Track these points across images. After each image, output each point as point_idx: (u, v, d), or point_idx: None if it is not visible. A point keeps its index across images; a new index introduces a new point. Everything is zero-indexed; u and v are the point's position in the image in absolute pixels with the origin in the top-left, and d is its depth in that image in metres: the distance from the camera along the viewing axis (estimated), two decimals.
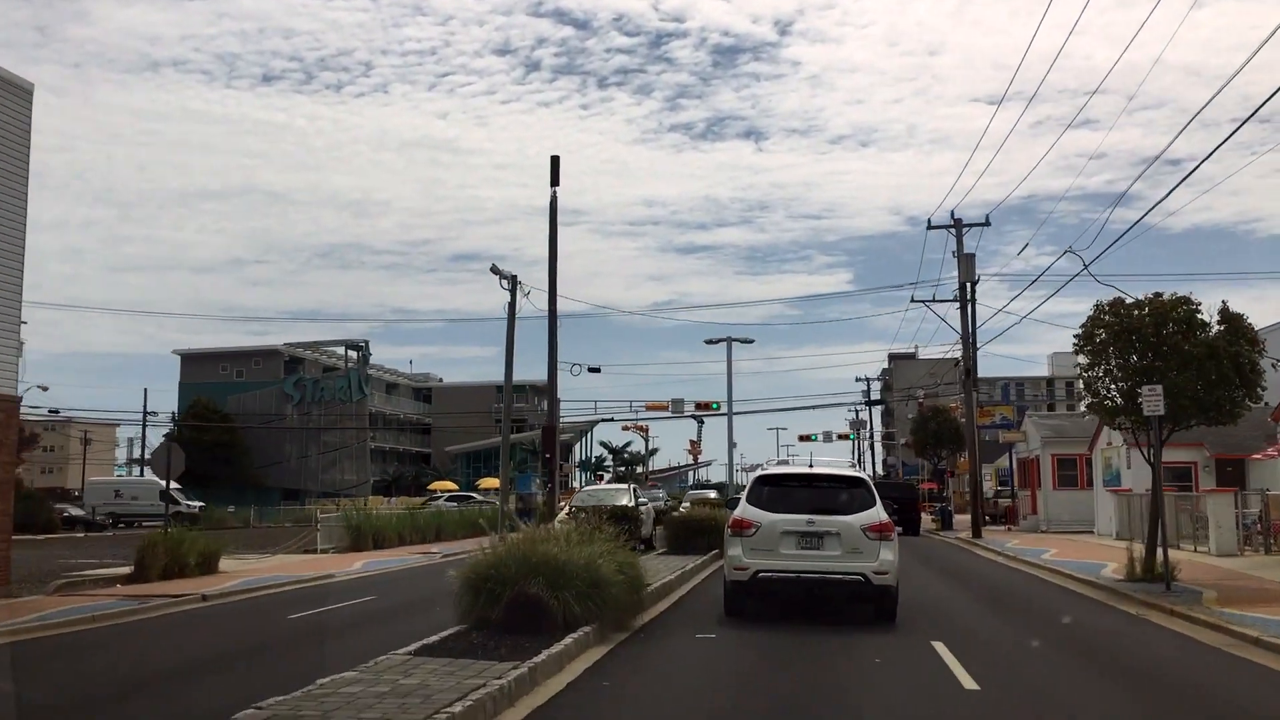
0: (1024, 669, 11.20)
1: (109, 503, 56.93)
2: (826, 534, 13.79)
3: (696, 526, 24.80)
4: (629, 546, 13.15)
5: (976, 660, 11.24)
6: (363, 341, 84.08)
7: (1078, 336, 20.23)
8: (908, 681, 10.26)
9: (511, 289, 41.12)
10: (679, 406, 57.57)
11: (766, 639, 12.76)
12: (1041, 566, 24.28)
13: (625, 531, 14.52)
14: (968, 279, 38.29)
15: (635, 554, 13.05)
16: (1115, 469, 36.64)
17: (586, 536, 12.31)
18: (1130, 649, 12.81)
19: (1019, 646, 12.78)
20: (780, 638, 12.83)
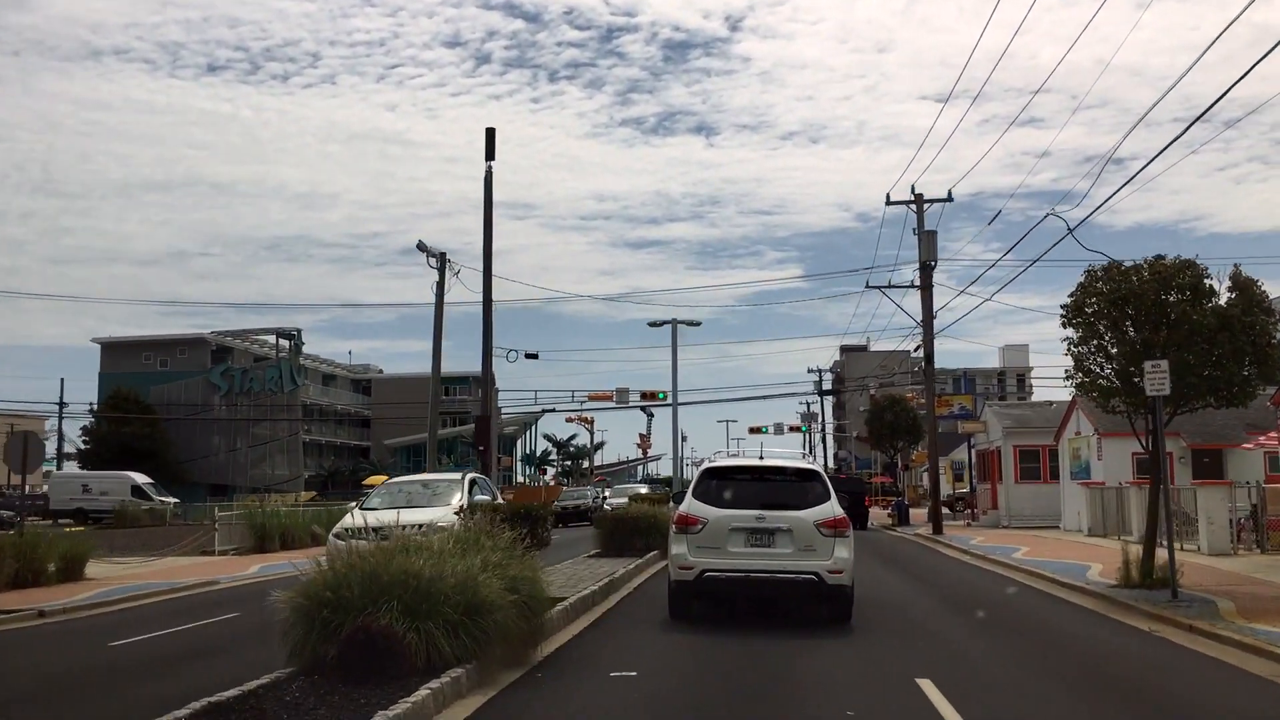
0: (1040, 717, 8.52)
1: (76, 497, 53.29)
2: (778, 530, 12.98)
3: (632, 525, 22.01)
4: (530, 553, 10.22)
5: (977, 705, 8.54)
6: (294, 330, 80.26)
7: (1066, 308, 17.62)
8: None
9: (440, 267, 38.10)
10: (624, 396, 54.73)
11: (705, 676, 9.96)
12: (1017, 568, 21.73)
13: (529, 534, 11.72)
14: (929, 258, 35.80)
15: (536, 562, 10.09)
16: (1084, 460, 34.34)
17: (470, 543, 9.42)
18: (1161, 683, 10.14)
19: (1023, 681, 10.08)
20: (724, 674, 10.03)
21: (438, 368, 37.81)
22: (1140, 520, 27.18)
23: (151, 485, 57.13)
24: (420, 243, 37.49)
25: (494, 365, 37.25)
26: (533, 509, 11.92)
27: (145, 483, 56.82)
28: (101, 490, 54.48)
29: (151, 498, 54.61)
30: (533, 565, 10.05)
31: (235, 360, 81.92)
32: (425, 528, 10.57)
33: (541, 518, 12.06)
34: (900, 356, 79.39)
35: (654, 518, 22.99)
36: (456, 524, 10.88)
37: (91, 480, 57.38)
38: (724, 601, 13.53)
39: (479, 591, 8.51)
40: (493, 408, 43.00)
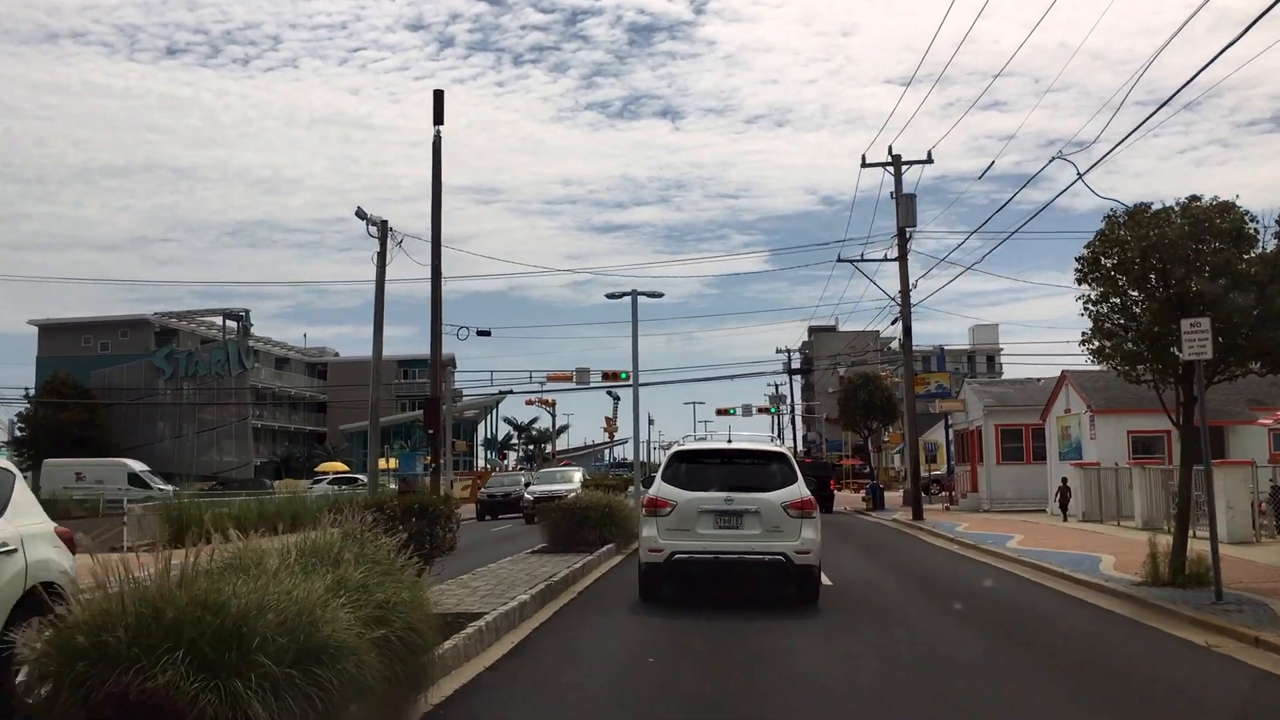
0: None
1: (69, 486, 49.87)
2: (746, 512, 13.26)
3: (582, 516, 19.39)
4: (419, 566, 7.55)
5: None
6: (243, 311, 76.84)
7: (1081, 260, 15.09)
8: None
9: (381, 236, 35.15)
10: (584, 377, 51.99)
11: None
12: (1017, 560, 19.29)
13: (420, 538, 9.11)
14: (907, 223, 33.31)
15: (422, 578, 7.41)
16: (1075, 439, 32.03)
17: (324, 557, 6.75)
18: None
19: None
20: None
21: (379, 345, 34.95)
22: (1145, 504, 24.85)
23: (149, 473, 54.25)
24: (359, 209, 34.51)
25: (455, 347, 34.50)
26: (431, 504, 9.30)
27: (142, 470, 54.03)
28: (96, 479, 51.22)
29: (149, 486, 51.41)
30: (416, 584, 7.36)
31: (181, 343, 78.44)
32: None
33: (442, 515, 9.46)
34: (869, 337, 77.24)
35: (609, 506, 20.42)
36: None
37: (85, 468, 54.04)
38: (693, 581, 13.59)
39: (318, 629, 5.83)
40: (444, 388, 40.13)
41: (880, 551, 23.06)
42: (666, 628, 11.60)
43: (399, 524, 8.94)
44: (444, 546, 9.72)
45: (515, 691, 8.45)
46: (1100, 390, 31.34)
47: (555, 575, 14.49)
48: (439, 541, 9.50)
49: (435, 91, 41.81)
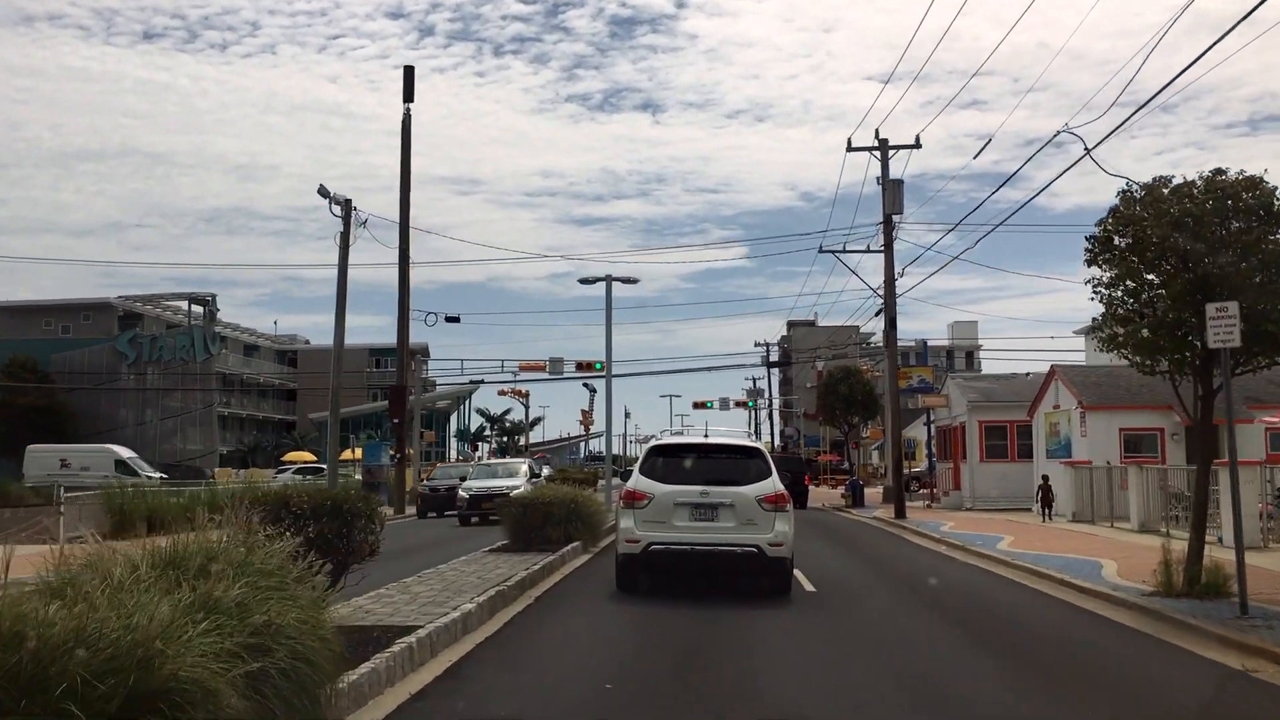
0: None
1: (53, 473, 47.87)
2: (721, 505, 13.50)
3: (544, 513, 17.94)
4: (325, 576, 6.12)
5: None
6: (209, 296, 74.87)
7: (1092, 240, 13.79)
8: None
9: (344, 216, 33.70)
10: (557, 367, 50.42)
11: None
12: (1010, 564, 18.00)
13: (328, 541, 7.66)
14: (893, 210, 32.01)
15: (326, 593, 5.99)
16: (1064, 437, 30.85)
17: (191, 568, 5.32)
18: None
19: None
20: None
21: (341, 330, 33.45)
22: (1141, 505, 23.65)
23: (136, 460, 52.53)
24: (321, 187, 33.06)
25: (429, 336, 33.01)
26: (346, 500, 7.89)
27: (129, 457, 52.33)
28: (82, 465, 49.47)
29: (137, 473, 49.61)
30: (315, 601, 5.93)
31: (145, 327, 76.41)
32: None
33: (360, 514, 8.02)
34: (849, 332, 76.09)
35: (575, 501, 18.99)
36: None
37: (71, 454, 52.27)
38: (668, 579, 13.78)
39: (156, 667, 4.41)
40: (412, 377, 38.70)
41: (864, 552, 21.76)
42: (629, 642, 10.24)
43: (307, 524, 7.55)
44: (361, 551, 8.24)
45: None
46: (1091, 386, 30.20)
47: (510, 578, 13.07)
48: (355, 546, 8.04)
49: (405, 68, 40.63)
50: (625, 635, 10.81)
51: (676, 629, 11.24)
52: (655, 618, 11.81)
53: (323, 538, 7.58)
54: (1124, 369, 33.96)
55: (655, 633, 11.00)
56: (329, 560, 6.91)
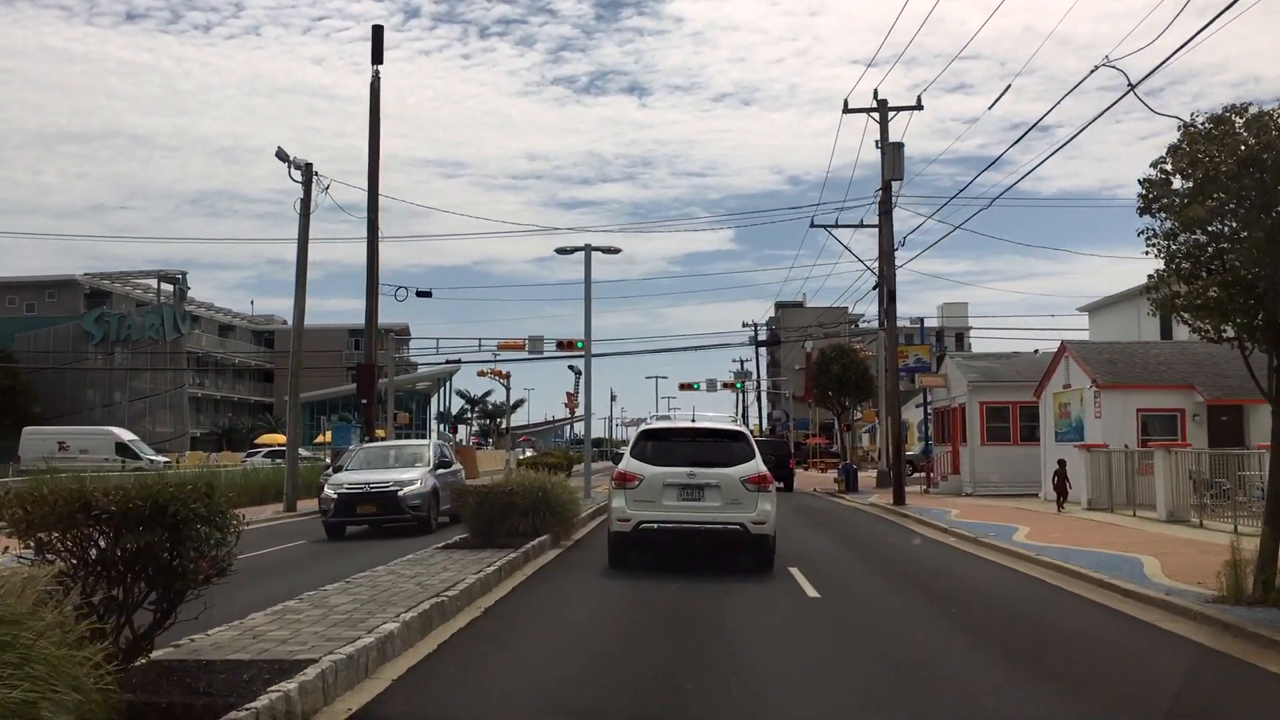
0: None
1: (51, 456, 45.60)
2: (707, 486, 14.11)
3: (506, 503, 15.76)
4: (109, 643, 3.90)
5: None
6: (179, 274, 72.39)
7: (1148, 183, 11.66)
8: None
9: (305, 181, 31.38)
10: (537, 345, 48.17)
11: None
12: (1034, 560, 15.93)
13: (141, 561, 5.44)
14: (893, 176, 29.85)
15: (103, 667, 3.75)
16: (1075, 418, 28.80)
17: None
18: None
19: None
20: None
21: (301, 303, 31.16)
22: (1168, 492, 21.58)
23: (137, 443, 50.46)
24: (279, 150, 30.71)
25: (408, 316, 30.77)
26: (172, 501, 5.77)
27: (130, 439, 50.42)
28: (80, 448, 47.50)
29: (139, 456, 47.44)
30: (69, 657, 3.74)
31: (113, 305, 73.84)
32: None
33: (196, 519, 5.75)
34: (838, 313, 73.95)
35: (543, 490, 16.82)
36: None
37: (69, 436, 50.36)
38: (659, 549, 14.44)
39: None
40: (379, 354, 36.46)
41: (865, 545, 19.66)
42: (589, 674, 8.09)
43: (119, 536, 5.36)
44: (198, 573, 5.93)
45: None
46: (1105, 363, 28.16)
47: (457, 584, 10.89)
48: (188, 566, 5.77)
49: (374, 27, 38.12)
50: (589, 656, 8.69)
51: (651, 650, 9.15)
52: (631, 630, 9.69)
53: (138, 555, 5.40)
54: (1140, 345, 32.05)
55: (623, 655, 8.91)
56: (154, 588, 4.76)
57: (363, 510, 20.17)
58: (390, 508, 20.05)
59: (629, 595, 12.56)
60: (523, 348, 48.79)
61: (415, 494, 20.22)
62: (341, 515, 20.29)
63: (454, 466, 23.66)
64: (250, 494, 33.26)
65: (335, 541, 20.02)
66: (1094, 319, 42.71)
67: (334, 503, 20.38)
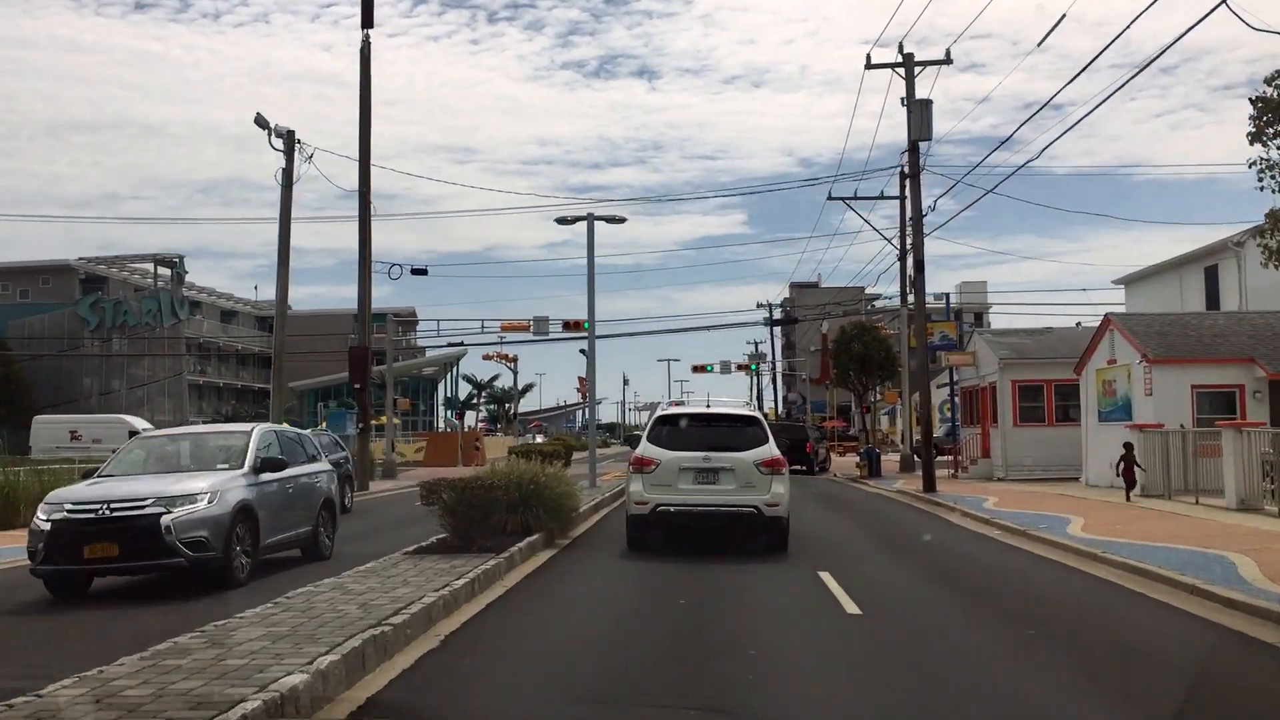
0: None
1: (63, 446, 43.96)
2: (722, 469, 14.39)
3: (485, 501, 13.51)
4: None
5: None
6: (176, 257, 70.41)
7: (1260, 101, 9.49)
8: None
9: (287, 150, 29.26)
10: (543, 326, 45.99)
11: None
12: (1100, 559, 13.70)
13: None
14: (920, 136, 27.50)
15: None
16: (1122, 396, 26.47)
17: None
18: None
19: None
20: None
21: (284, 280, 29.07)
22: (1239, 477, 19.25)
23: (150, 430, 48.70)
24: (259, 116, 28.61)
25: (413, 299, 28.65)
26: None
27: (144, 428, 48.54)
28: (94, 437, 45.75)
29: None
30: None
31: (110, 291, 71.91)
32: None
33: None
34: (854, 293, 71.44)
35: (534, 482, 14.67)
36: None
37: (81, 425, 48.61)
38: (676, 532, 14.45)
39: None
40: (370, 335, 34.45)
41: (901, 541, 17.45)
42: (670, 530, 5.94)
43: None
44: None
45: None
46: (1156, 336, 25.82)
47: (412, 605, 8.73)
48: None
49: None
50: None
51: (653, 700, 6.98)
52: (618, 684, 7.51)
53: None
54: (1192, 316, 29.56)
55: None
56: None
57: (95, 552, 11.10)
58: (143, 546, 11.15)
59: (627, 611, 10.43)
60: (527, 329, 46.66)
61: (194, 520, 11.26)
62: (58, 561, 11.29)
63: (309, 468, 14.57)
64: None
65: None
66: (1131, 292, 40.31)
67: (45, 539, 11.28)
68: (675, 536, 14.47)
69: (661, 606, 10.51)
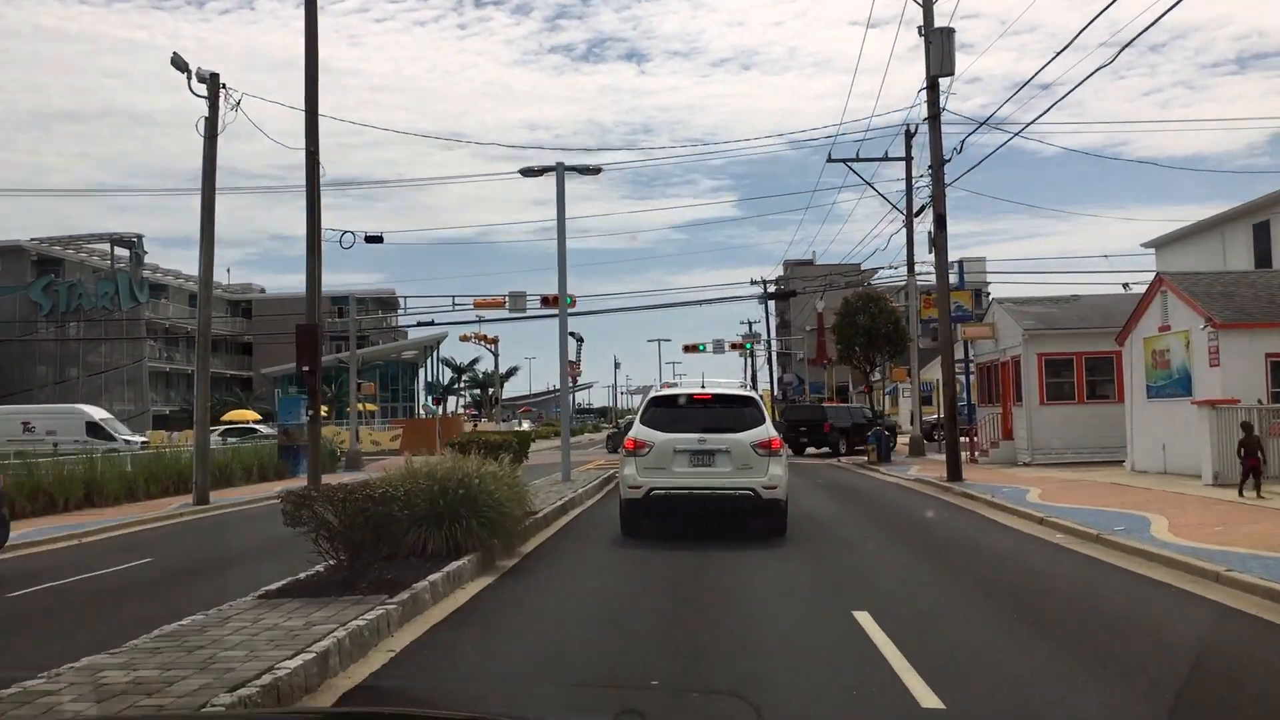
0: None
1: (15, 438, 40.06)
2: (717, 451, 14.03)
3: (379, 513, 9.63)
4: None
5: None
6: (135, 237, 66.29)
7: None
8: None
9: (211, 95, 25.39)
10: (519, 303, 42.04)
11: None
12: (1238, 583, 10.03)
13: None
14: (940, 71, 23.73)
15: None
16: (1179, 368, 22.76)
17: None
18: None
19: None
20: None
21: (209, 248, 25.22)
22: None
23: (111, 421, 44.91)
24: (175, 56, 24.72)
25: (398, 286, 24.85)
26: None
27: (103, 418, 44.84)
28: (48, 429, 42.32)
29: (113, 437, 41.81)
30: None
31: (66, 273, 67.83)
32: None
33: None
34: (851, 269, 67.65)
35: (464, 485, 10.90)
36: None
37: (35, 416, 44.57)
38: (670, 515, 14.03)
39: None
40: (319, 311, 30.41)
41: (948, 554, 13.71)
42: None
43: None
44: None
45: None
46: (1220, 297, 22.11)
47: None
48: None
49: None
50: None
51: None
52: None
53: None
54: (1257, 274, 25.80)
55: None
56: None
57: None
58: None
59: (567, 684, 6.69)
60: (503, 305, 42.74)
61: None
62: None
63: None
64: (161, 482, 27.54)
65: (174, 564, 13.98)
66: (1163, 256, 36.57)
67: None
68: (669, 528, 13.97)
69: (625, 674, 6.80)
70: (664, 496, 13.88)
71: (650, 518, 14.20)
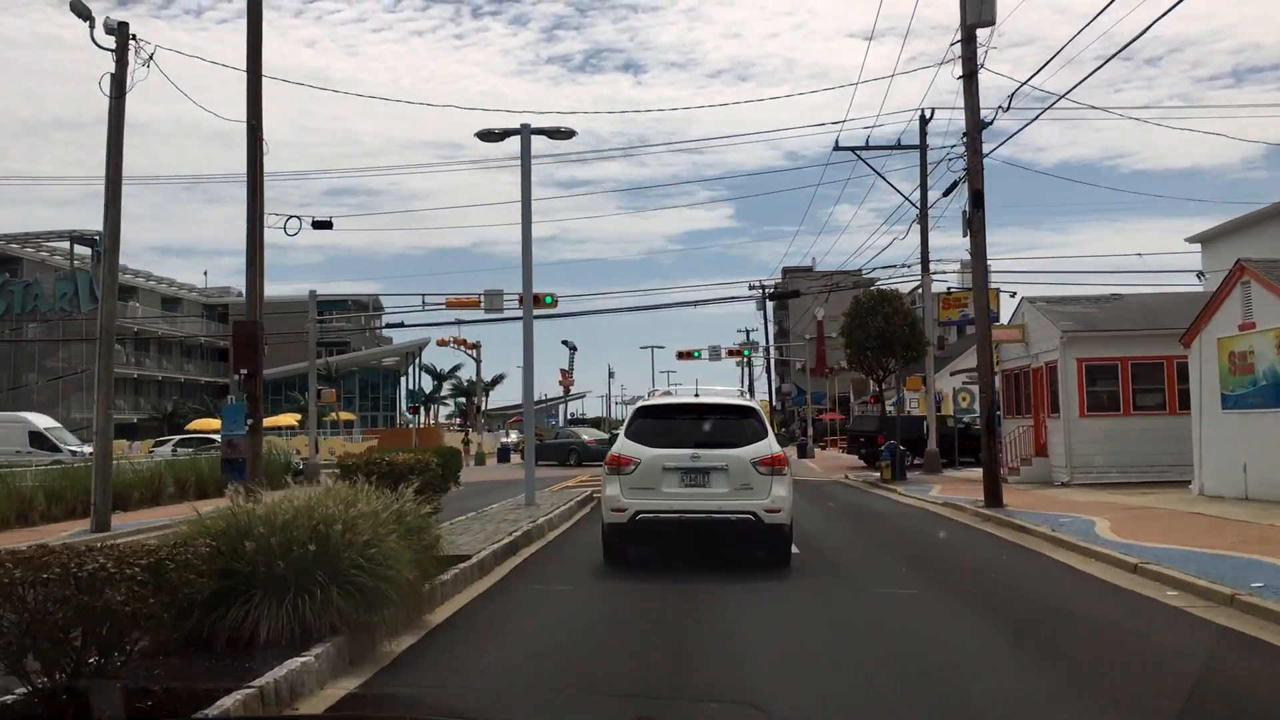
0: None
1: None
2: (713, 469, 12.68)
3: (85, 609, 5.43)
4: None
5: None
6: (96, 234, 62.55)
7: None
8: None
9: (119, 47, 21.64)
10: (495, 302, 38.18)
11: None
12: None
13: None
14: (978, 21, 20.02)
15: None
16: (1267, 372, 18.88)
17: None
18: None
19: None
20: None
21: (115, 223, 21.43)
22: None
23: (56, 430, 41.01)
24: (75, 3, 20.93)
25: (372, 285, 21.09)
26: None
27: (48, 427, 40.83)
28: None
29: (58, 448, 37.90)
30: None
31: (25, 273, 64.08)
32: None
33: None
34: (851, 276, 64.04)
35: (323, 535, 7.08)
36: None
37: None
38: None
39: None
40: (260, 307, 26.49)
41: (998, 605, 9.88)
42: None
43: None
44: None
45: None
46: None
47: None
48: None
49: None
50: None
51: None
52: None
53: None
54: None
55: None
56: None
57: None
58: None
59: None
60: (478, 304, 38.96)
61: None
62: None
63: None
64: (66, 502, 23.70)
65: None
66: (1210, 252, 32.95)
67: None
68: (649, 559, 12.77)
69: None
70: (652, 520, 12.54)
71: (636, 544, 12.92)
